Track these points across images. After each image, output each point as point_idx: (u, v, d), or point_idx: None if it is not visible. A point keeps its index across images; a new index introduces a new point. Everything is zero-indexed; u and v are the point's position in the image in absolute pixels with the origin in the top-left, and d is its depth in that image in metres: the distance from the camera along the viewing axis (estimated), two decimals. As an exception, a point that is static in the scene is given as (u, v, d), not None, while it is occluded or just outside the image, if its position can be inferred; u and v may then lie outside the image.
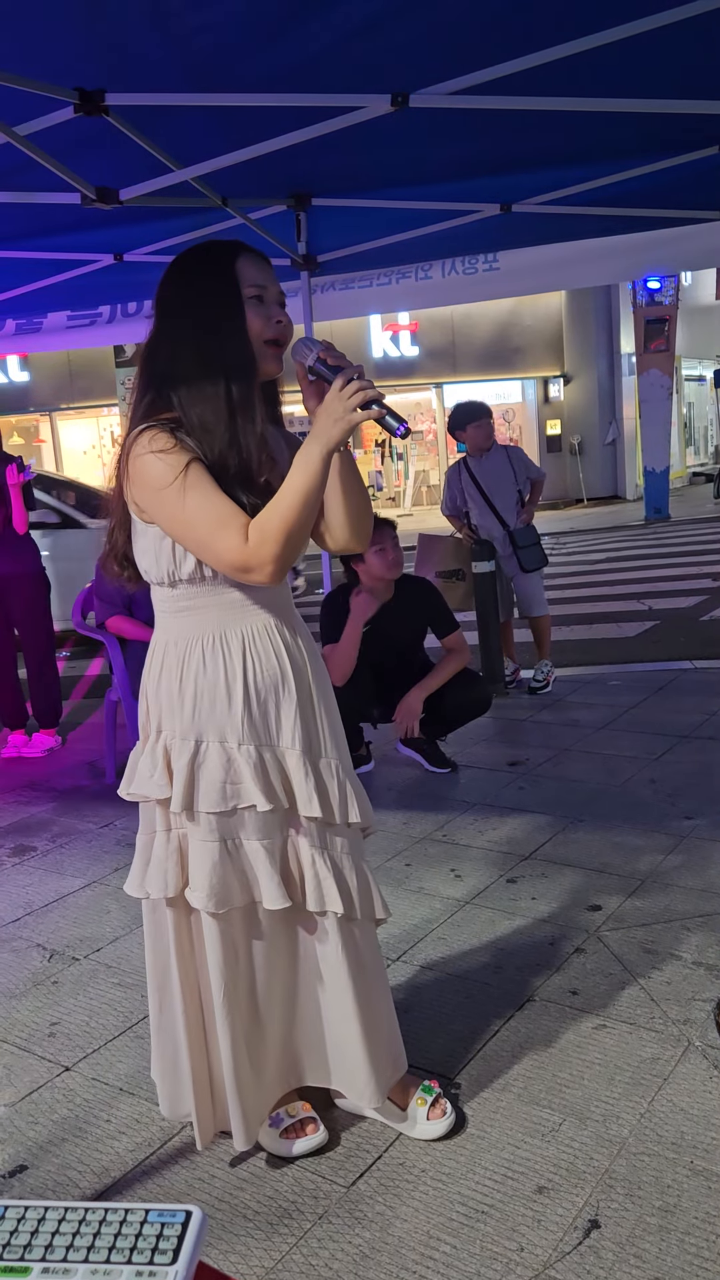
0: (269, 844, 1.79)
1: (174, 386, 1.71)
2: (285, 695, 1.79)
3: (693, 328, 21.36)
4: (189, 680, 1.77)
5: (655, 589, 8.94)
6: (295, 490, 1.62)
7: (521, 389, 20.96)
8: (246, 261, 1.73)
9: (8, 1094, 2.26)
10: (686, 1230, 1.70)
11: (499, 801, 3.81)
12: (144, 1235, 0.73)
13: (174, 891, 1.81)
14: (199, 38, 2.27)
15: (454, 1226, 1.75)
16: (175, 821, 1.82)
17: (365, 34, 2.29)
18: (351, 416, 1.59)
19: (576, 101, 2.70)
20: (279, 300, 1.76)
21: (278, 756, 1.79)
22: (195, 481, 1.64)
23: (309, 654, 1.86)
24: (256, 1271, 1.69)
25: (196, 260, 1.76)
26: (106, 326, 5.74)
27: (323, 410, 1.62)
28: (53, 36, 2.21)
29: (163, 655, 1.82)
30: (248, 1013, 1.87)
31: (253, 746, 1.76)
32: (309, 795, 1.78)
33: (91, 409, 20.37)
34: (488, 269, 5.22)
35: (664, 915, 2.81)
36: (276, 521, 1.62)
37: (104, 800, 4.26)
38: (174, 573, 1.74)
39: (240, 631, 1.77)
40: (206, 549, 1.66)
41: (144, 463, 1.67)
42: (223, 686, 1.76)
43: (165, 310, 1.76)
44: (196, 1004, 1.88)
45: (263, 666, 1.77)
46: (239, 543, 1.63)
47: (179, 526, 1.67)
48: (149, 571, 1.79)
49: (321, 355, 1.67)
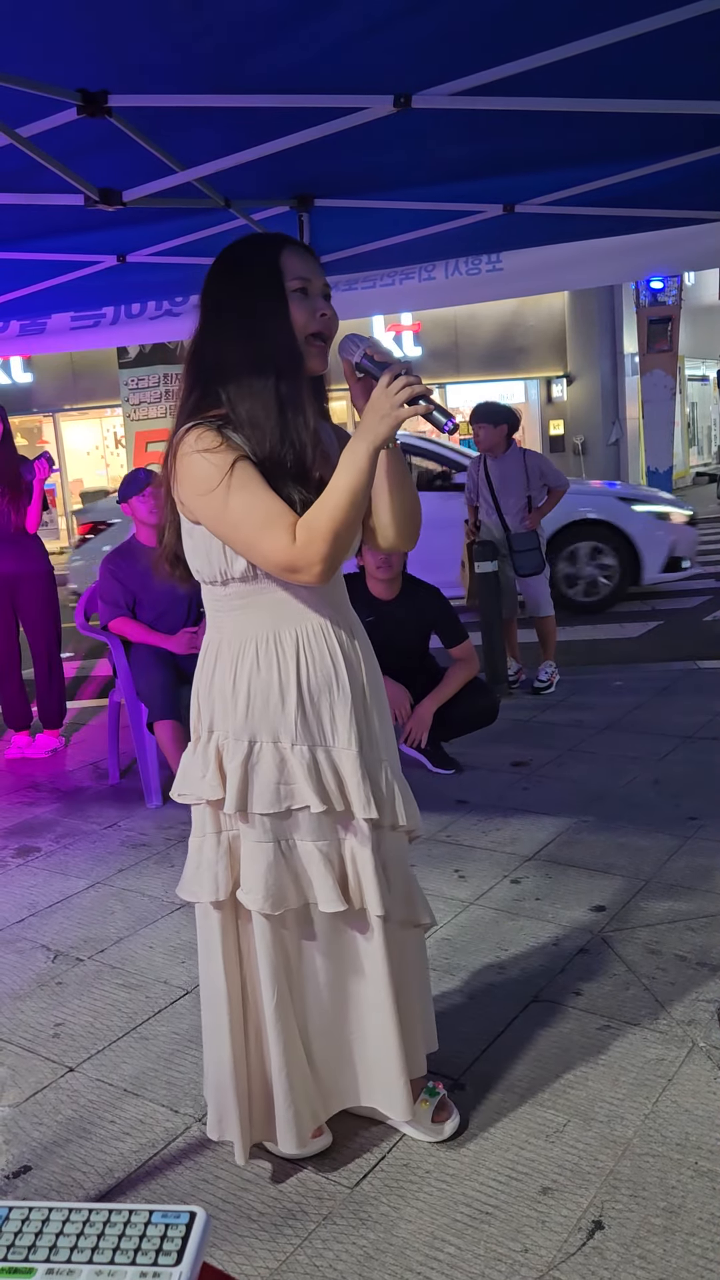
0: (323, 845, 1.77)
1: (221, 382, 1.70)
2: (339, 695, 1.76)
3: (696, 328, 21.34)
4: (243, 680, 1.75)
5: (659, 589, 8.93)
6: (343, 489, 1.60)
7: (524, 389, 20.94)
8: (291, 254, 1.71)
9: (12, 1095, 2.26)
10: (691, 1231, 1.70)
11: (503, 802, 3.81)
12: (148, 1236, 0.73)
13: (224, 895, 1.78)
14: (202, 39, 2.27)
15: (458, 1227, 1.75)
16: (226, 823, 1.80)
17: (368, 35, 2.29)
18: (399, 413, 1.57)
19: (579, 102, 2.70)
20: (324, 293, 1.74)
21: (332, 757, 1.77)
22: (241, 481, 1.63)
23: (364, 654, 1.84)
24: (261, 1272, 1.69)
25: (241, 254, 1.75)
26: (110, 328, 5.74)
27: (370, 407, 1.60)
28: (55, 38, 2.21)
29: (215, 655, 1.80)
30: (302, 1016, 1.85)
31: (306, 747, 1.74)
32: (365, 798, 1.76)
33: (95, 410, 20.37)
34: (491, 270, 5.22)
35: (668, 916, 2.81)
36: (325, 521, 1.60)
37: (108, 801, 4.26)
38: (225, 571, 1.72)
39: (294, 630, 1.75)
40: (253, 549, 1.65)
41: (190, 462, 1.65)
42: (276, 686, 1.73)
43: (211, 305, 1.75)
44: (241, 1012, 1.84)
45: (316, 667, 1.75)
46: (286, 543, 1.61)
47: (225, 527, 1.66)
48: (200, 571, 1.78)
49: (368, 352, 1.66)
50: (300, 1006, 1.86)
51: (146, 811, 4.08)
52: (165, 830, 3.85)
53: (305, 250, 1.75)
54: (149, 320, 5.60)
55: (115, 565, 4.25)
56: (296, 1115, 1.83)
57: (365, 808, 1.76)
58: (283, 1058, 1.81)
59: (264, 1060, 1.86)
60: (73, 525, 19.96)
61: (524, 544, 5.38)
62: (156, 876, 3.41)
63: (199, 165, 2.97)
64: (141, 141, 2.72)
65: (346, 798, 1.77)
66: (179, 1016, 2.52)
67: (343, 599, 1.84)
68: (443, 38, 2.33)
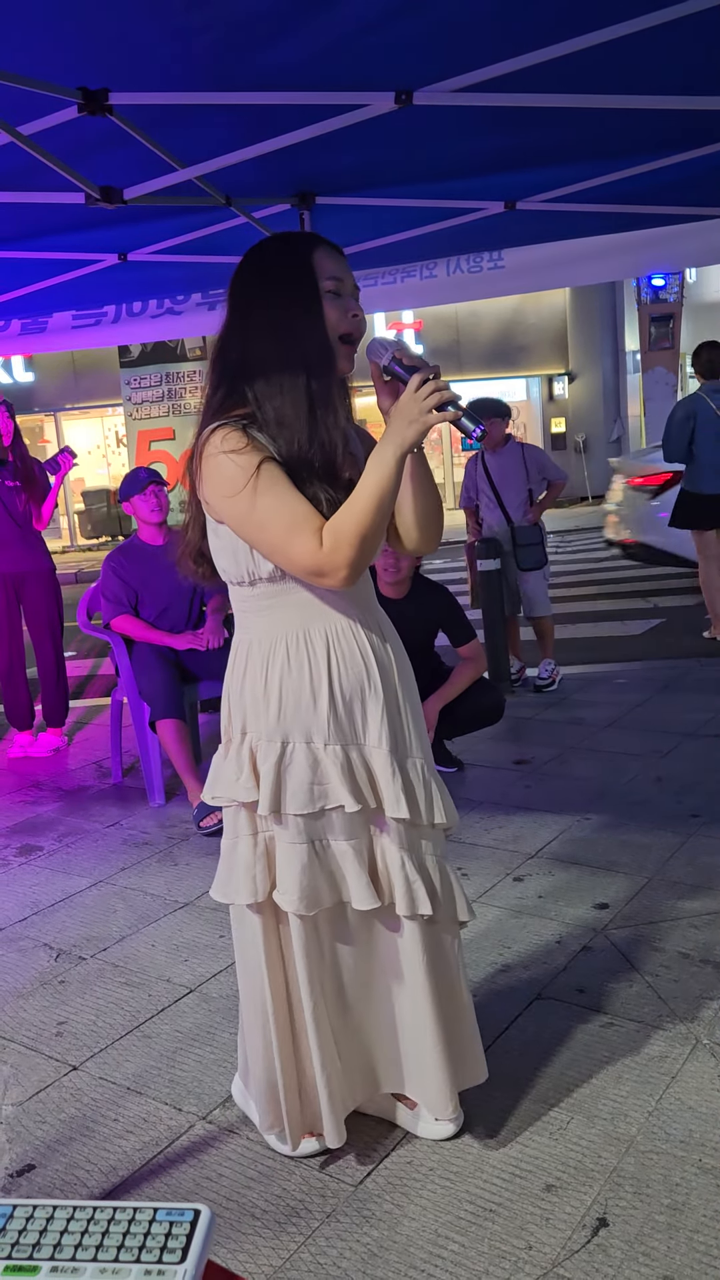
0: (356, 844, 1.76)
1: (249, 381, 1.69)
2: (371, 694, 1.76)
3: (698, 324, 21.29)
4: (274, 681, 1.74)
5: (661, 586, 8.92)
6: (369, 493, 1.59)
7: (526, 387, 20.92)
8: (323, 254, 1.71)
9: (15, 1093, 2.26)
10: (695, 1228, 1.70)
11: (505, 800, 3.81)
12: (152, 1234, 0.73)
13: (263, 896, 1.78)
14: (202, 36, 2.26)
15: (462, 1225, 1.75)
16: (263, 825, 1.79)
17: (369, 31, 2.28)
18: (427, 418, 1.56)
19: (581, 98, 2.69)
20: (354, 293, 1.74)
21: (364, 756, 1.76)
22: (268, 483, 1.62)
23: (394, 652, 1.83)
24: (265, 1270, 1.69)
25: (273, 252, 1.74)
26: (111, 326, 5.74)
27: (397, 411, 1.59)
28: (56, 36, 2.21)
29: (246, 656, 1.79)
30: (336, 1014, 1.85)
31: (339, 746, 1.73)
32: (396, 796, 1.75)
33: (96, 409, 20.37)
34: (492, 267, 5.21)
35: (671, 913, 2.81)
36: (351, 525, 1.59)
37: (110, 800, 4.26)
38: (253, 572, 1.72)
39: (324, 630, 1.74)
40: (279, 552, 1.64)
41: (216, 463, 1.64)
42: (308, 686, 1.73)
43: (240, 303, 1.74)
44: (285, 1009, 1.85)
45: (347, 666, 1.74)
46: (313, 547, 1.60)
47: (251, 529, 1.65)
48: (227, 571, 1.77)
49: (397, 355, 1.65)
50: (339, 1002, 1.86)
51: (149, 810, 4.09)
52: (167, 829, 3.85)
53: (336, 250, 1.74)
54: (150, 319, 5.60)
55: (117, 563, 4.25)
56: (335, 1114, 1.84)
57: (396, 806, 1.75)
58: (320, 1056, 1.81)
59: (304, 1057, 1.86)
60: (75, 524, 20.00)
61: (528, 538, 5.38)
62: (159, 875, 3.41)
63: (200, 163, 2.97)
64: (142, 139, 2.71)
65: (379, 796, 1.76)
66: (181, 1015, 2.52)
67: (371, 598, 1.83)
68: (444, 34, 2.33)
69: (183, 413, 11.79)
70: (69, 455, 4.96)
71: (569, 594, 8.85)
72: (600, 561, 11.47)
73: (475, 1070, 1.97)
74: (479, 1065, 1.97)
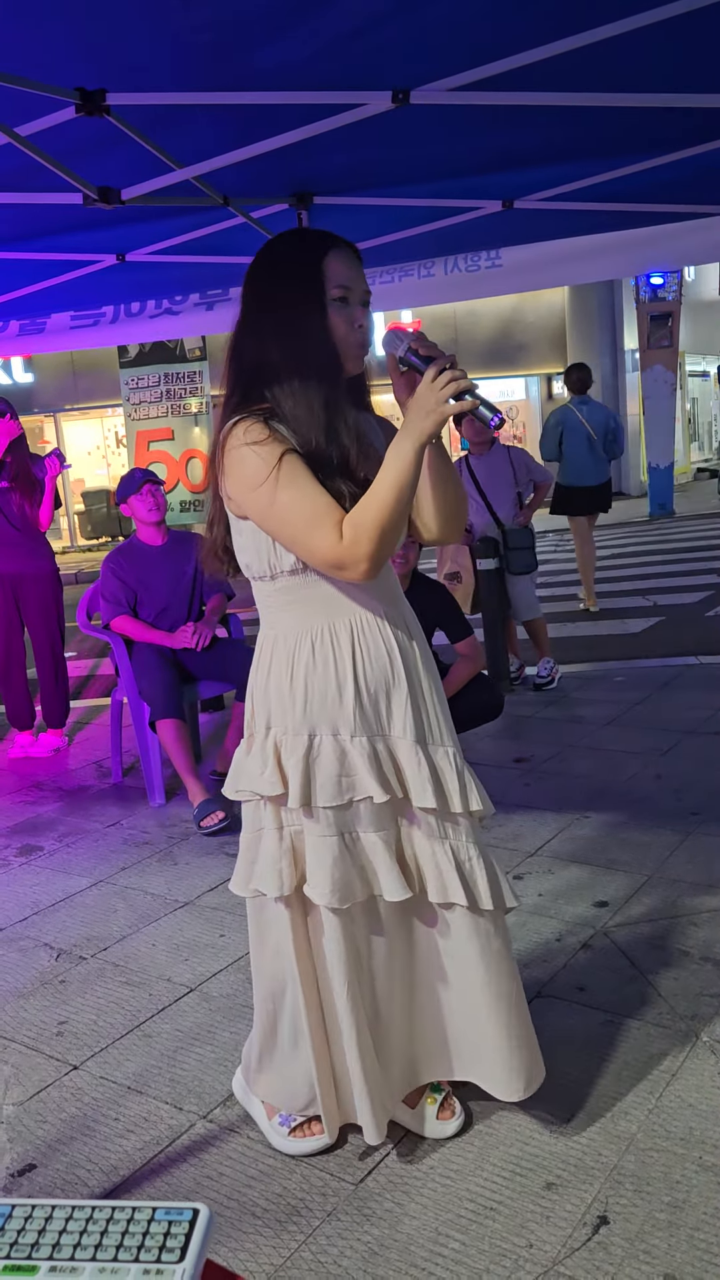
0: (385, 835, 1.76)
1: (264, 382, 1.70)
2: (395, 685, 1.76)
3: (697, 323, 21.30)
4: (299, 675, 1.74)
5: (660, 585, 8.93)
6: (388, 485, 1.59)
7: (525, 386, 20.92)
8: (335, 259, 1.70)
9: (16, 1093, 2.26)
10: (696, 1225, 1.70)
11: (505, 798, 3.81)
12: (151, 1233, 0.73)
13: (289, 889, 1.78)
14: (199, 36, 2.26)
15: (463, 1223, 1.75)
16: (288, 819, 1.79)
17: (365, 31, 2.28)
18: (444, 409, 1.56)
19: (578, 96, 2.69)
20: (363, 300, 1.73)
21: (389, 747, 1.77)
22: (289, 476, 1.62)
23: (418, 643, 1.84)
24: (265, 1269, 1.69)
25: (285, 255, 1.74)
26: (110, 327, 5.74)
27: (414, 403, 1.59)
28: (53, 37, 2.21)
29: (271, 651, 1.79)
30: (371, 1008, 1.84)
31: (365, 738, 1.74)
32: (423, 786, 1.75)
33: (96, 410, 20.36)
34: (490, 265, 5.21)
35: (671, 911, 2.81)
36: (371, 518, 1.59)
37: (111, 800, 4.26)
38: (275, 565, 1.72)
39: (349, 623, 1.75)
40: (300, 545, 1.65)
41: (238, 455, 1.65)
42: (334, 680, 1.73)
43: (251, 305, 1.74)
44: (316, 999, 1.85)
45: (372, 658, 1.75)
46: (334, 540, 1.61)
47: (273, 522, 1.66)
48: (250, 566, 1.77)
49: (413, 346, 1.64)
50: (374, 997, 1.85)
51: (149, 810, 4.09)
52: (168, 829, 3.85)
53: (350, 253, 1.74)
54: (148, 319, 5.60)
55: (116, 564, 4.25)
56: (373, 1110, 1.83)
57: (422, 796, 1.75)
58: (357, 1051, 1.80)
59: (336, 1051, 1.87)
60: (75, 525, 20.00)
61: (518, 541, 5.35)
62: (159, 875, 3.42)
63: (197, 163, 2.97)
64: (140, 140, 2.71)
65: (405, 786, 1.77)
66: (182, 1014, 2.52)
67: (395, 590, 1.83)
68: (441, 33, 2.33)
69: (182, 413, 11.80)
70: (56, 459, 4.91)
71: (568, 592, 8.85)
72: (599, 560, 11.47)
73: (537, 1067, 1.93)
74: (538, 1064, 1.94)
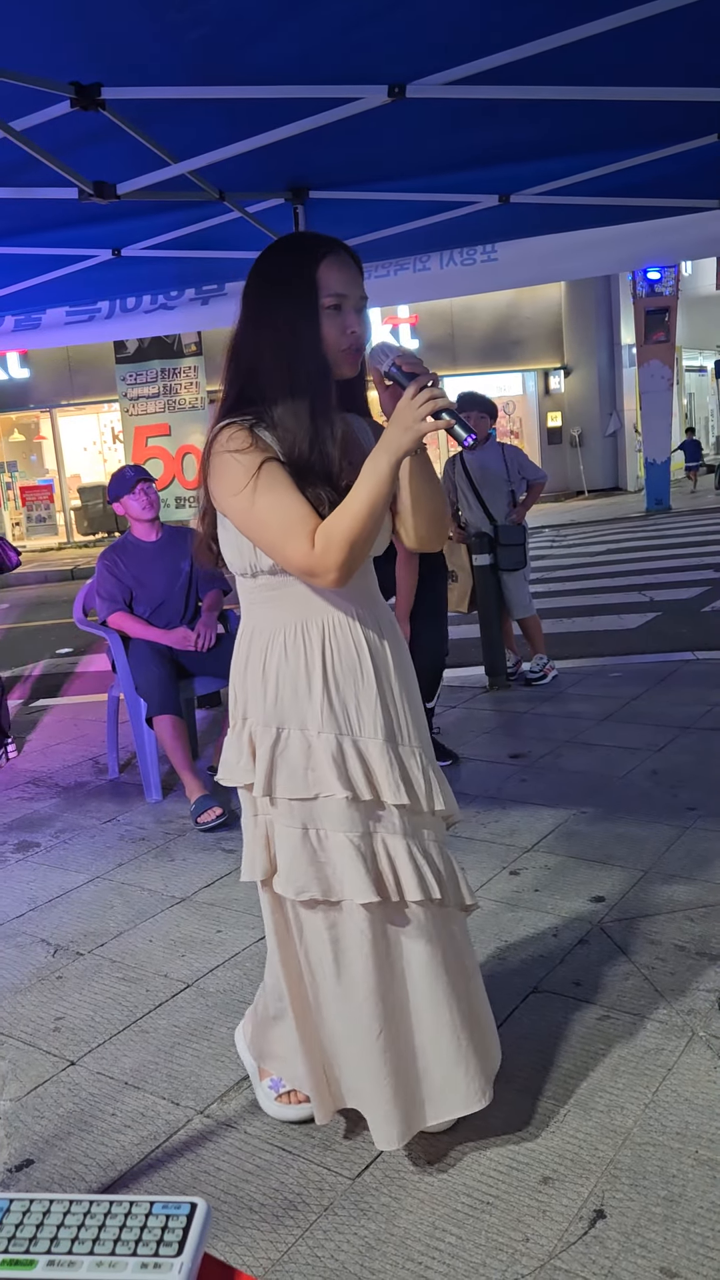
0: (354, 837, 1.78)
1: (257, 384, 1.74)
2: (364, 685, 1.80)
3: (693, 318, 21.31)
4: (271, 668, 1.80)
5: (656, 580, 8.93)
6: (361, 499, 1.64)
7: (522, 381, 20.92)
8: (329, 267, 1.72)
9: (13, 1089, 2.26)
10: (692, 1219, 1.70)
11: (501, 794, 3.82)
12: (149, 1227, 0.73)
13: (262, 875, 1.86)
14: (194, 30, 2.26)
15: (459, 1217, 1.76)
16: (262, 807, 1.85)
17: (361, 25, 2.28)
18: (420, 426, 1.60)
19: (574, 91, 2.69)
20: (358, 307, 1.76)
21: (358, 746, 1.80)
22: (268, 484, 1.67)
23: (392, 644, 1.87)
24: (262, 1263, 1.70)
25: (279, 263, 1.76)
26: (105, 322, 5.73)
27: (394, 418, 1.63)
28: (49, 31, 2.20)
29: (248, 644, 1.85)
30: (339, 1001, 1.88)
31: (332, 735, 1.78)
32: (395, 784, 1.79)
33: (92, 405, 20.34)
34: (486, 260, 5.20)
35: (667, 906, 2.82)
36: (343, 530, 1.64)
37: (107, 796, 4.26)
38: (255, 565, 1.78)
39: (320, 622, 1.79)
40: (275, 551, 1.70)
41: (221, 461, 1.71)
42: (303, 674, 1.78)
43: (247, 309, 1.78)
44: (299, 985, 1.91)
45: (341, 657, 1.79)
46: (306, 549, 1.66)
47: (251, 527, 1.71)
48: (232, 562, 1.83)
49: (397, 361, 1.68)
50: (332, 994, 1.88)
51: (145, 806, 4.09)
52: (164, 825, 3.85)
53: (345, 258, 1.75)
54: (144, 314, 5.59)
55: (112, 560, 4.25)
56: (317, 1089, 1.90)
57: (395, 793, 1.79)
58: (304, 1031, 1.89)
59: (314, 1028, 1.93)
60: (71, 521, 19.98)
61: (511, 538, 5.35)
62: (155, 871, 3.42)
63: (193, 158, 2.96)
64: (135, 134, 2.71)
65: (375, 785, 1.79)
66: (179, 1010, 2.52)
67: (371, 593, 1.87)
68: (436, 27, 2.32)
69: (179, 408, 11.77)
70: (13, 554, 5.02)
71: (564, 588, 8.86)
72: (595, 556, 11.48)
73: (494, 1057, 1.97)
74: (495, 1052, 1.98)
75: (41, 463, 21.78)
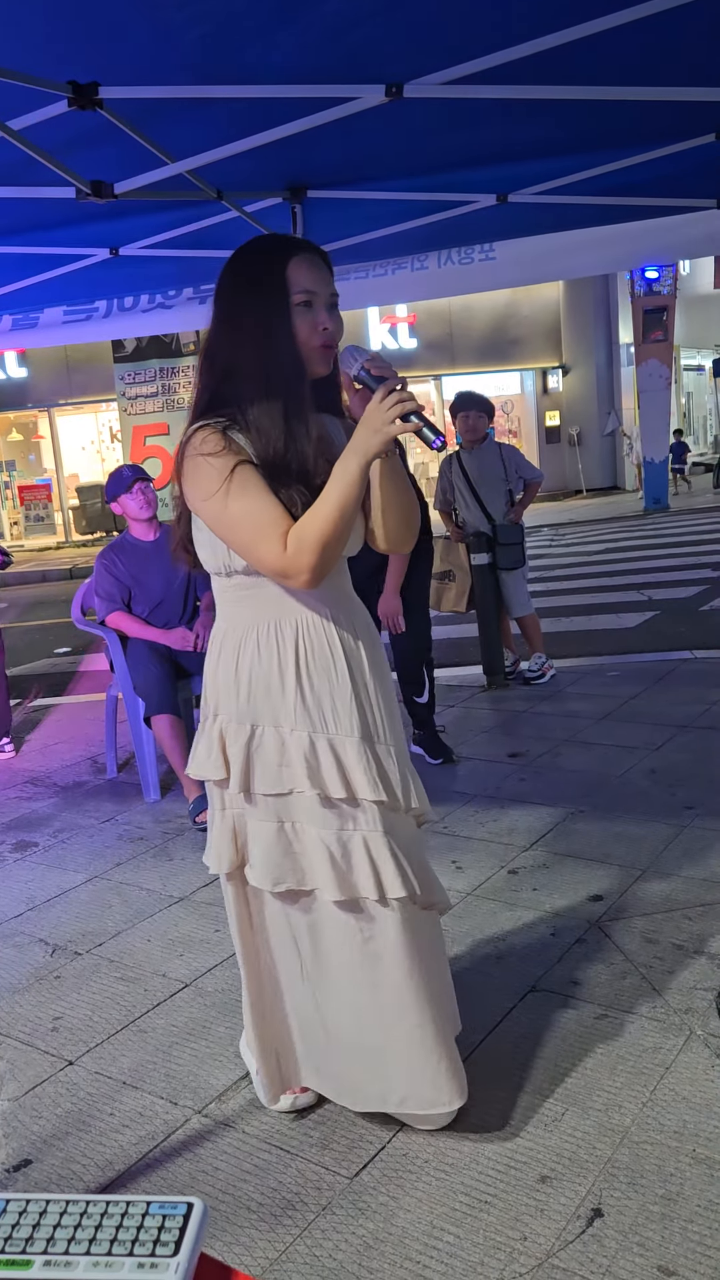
0: (327, 834, 1.81)
1: (231, 385, 1.76)
2: (339, 684, 1.81)
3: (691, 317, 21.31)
4: (244, 667, 1.82)
5: (654, 579, 8.94)
6: (332, 502, 1.65)
7: (520, 380, 20.92)
8: (299, 264, 1.74)
9: (11, 1088, 2.27)
10: (689, 1218, 1.70)
11: (499, 793, 3.82)
12: (145, 1227, 0.73)
13: (228, 867, 1.89)
14: (192, 30, 2.26)
15: (457, 1216, 1.76)
16: (230, 801, 1.88)
17: (359, 24, 2.28)
18: (389, 429, 1.61)
19: (572, 90, 2.69)
20: (329, 304, 1.77)
21: (332, 745, 1.81)
22: (240, 487, 1.69)
23: (366, 643, 1.88)
24: (260, 1263, 1.70)
25: (249, 263, 1.78)
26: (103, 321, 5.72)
27: (363, 421, 1.65)
28: (46, 30, 2.20)
29: (221, 642, 1.87)
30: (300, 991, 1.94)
31: (305, 733, 1.79)
32: (372, 781, 1.80)
33: (90, 404, 20.33)
34: (484, 259, 5.20)
35: (665, 905, 2.82)
36: (314, 532, 1.66)
37: (105, 795, 4.26)
38: (229, 565, 1.80)
39: (294, 621, 1.81)
40: (248, 553, 1.72)
41: (194, 464, 1.72)
42: (276, 672, 1.80)
43: (220, 310, 1.80)
44: (257, 971, 1.97)
45: (315, 656, 1.80)
46: (279, 551, 1.67)
47: (223, 529, 1.73)
48: (207, 562, 1.85)
49: (366, 365, 1.69)
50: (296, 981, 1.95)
51: (144, 806, 4.09)
52: (162, 824, 3.85)
53: (315, 258, 1.77)
54: (141, 313, 5.58)
55: (110, 560, 4.25)
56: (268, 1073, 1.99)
57: (372, 790, 1.80)
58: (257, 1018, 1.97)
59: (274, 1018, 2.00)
60: (70, 520, 19.97)
61: (509, 537, 5.35)
62: (154, 870, 3.42)
63: (191, 157, 2.96)
64: (132, 133, 2.70)
65: (351, 784, 1.80)
66: (177, 1009, 2.52)
67: (344, 592, 1.89)
68: (434, 26, 2.32)
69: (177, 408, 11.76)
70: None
71: (563, 587, 8.86)
72: (594, 555, 11.49)
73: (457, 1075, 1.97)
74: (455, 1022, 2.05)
75: (40, 462, 21.78)
